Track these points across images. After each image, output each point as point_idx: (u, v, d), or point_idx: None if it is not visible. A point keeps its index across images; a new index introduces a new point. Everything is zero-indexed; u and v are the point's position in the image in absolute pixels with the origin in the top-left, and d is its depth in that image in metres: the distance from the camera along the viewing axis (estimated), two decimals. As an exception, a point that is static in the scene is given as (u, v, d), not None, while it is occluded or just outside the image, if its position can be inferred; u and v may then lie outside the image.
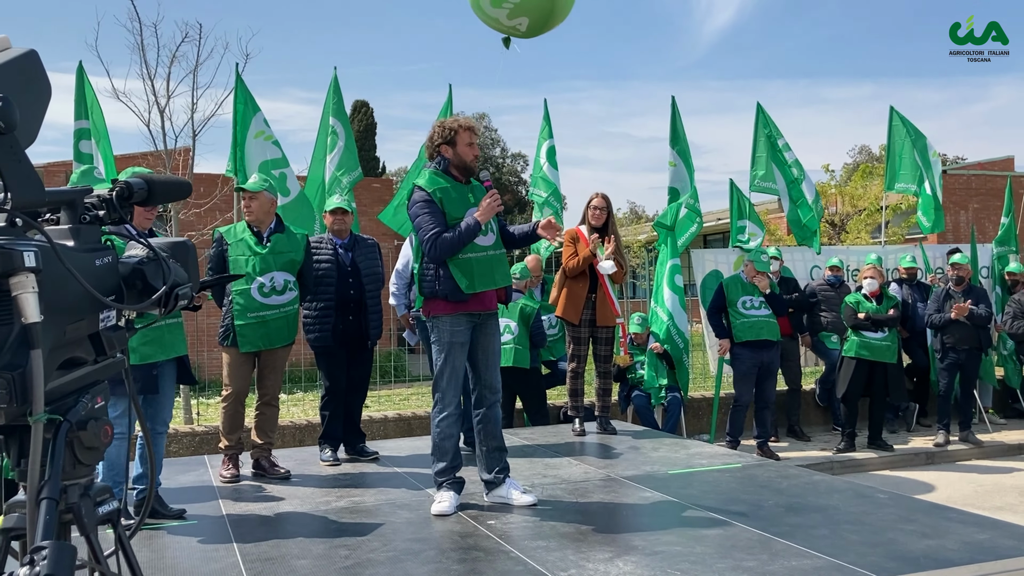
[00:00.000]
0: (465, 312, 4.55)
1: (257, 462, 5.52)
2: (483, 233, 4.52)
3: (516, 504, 4.56)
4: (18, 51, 1.41)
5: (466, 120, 4.69)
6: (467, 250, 4.48)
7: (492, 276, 4.56)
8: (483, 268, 4.52)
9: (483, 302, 4.57)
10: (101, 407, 1.58)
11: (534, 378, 8.01)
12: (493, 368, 4.66)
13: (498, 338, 4.73)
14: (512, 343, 7.86)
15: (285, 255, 5.33)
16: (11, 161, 1.34)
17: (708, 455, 5.98)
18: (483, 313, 4.60)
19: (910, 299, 9.50)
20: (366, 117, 34.33)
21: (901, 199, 16.48)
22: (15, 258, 1.34)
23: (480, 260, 4.52)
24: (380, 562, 3.73)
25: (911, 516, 4.24)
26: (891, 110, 10.66)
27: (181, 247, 1.88)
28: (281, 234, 5.37)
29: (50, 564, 1.22)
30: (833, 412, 9.64)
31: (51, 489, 1.40)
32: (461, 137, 4.55)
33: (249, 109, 8.02)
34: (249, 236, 5.31)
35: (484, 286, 4.53)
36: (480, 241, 4.52)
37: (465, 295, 4.48)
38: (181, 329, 4.71)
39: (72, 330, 1.53)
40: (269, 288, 5.26)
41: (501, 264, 4.64)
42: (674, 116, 9.63)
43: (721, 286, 8.22)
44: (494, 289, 4.61)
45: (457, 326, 4.54)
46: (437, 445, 4.63)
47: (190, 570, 3.72)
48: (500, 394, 4.72)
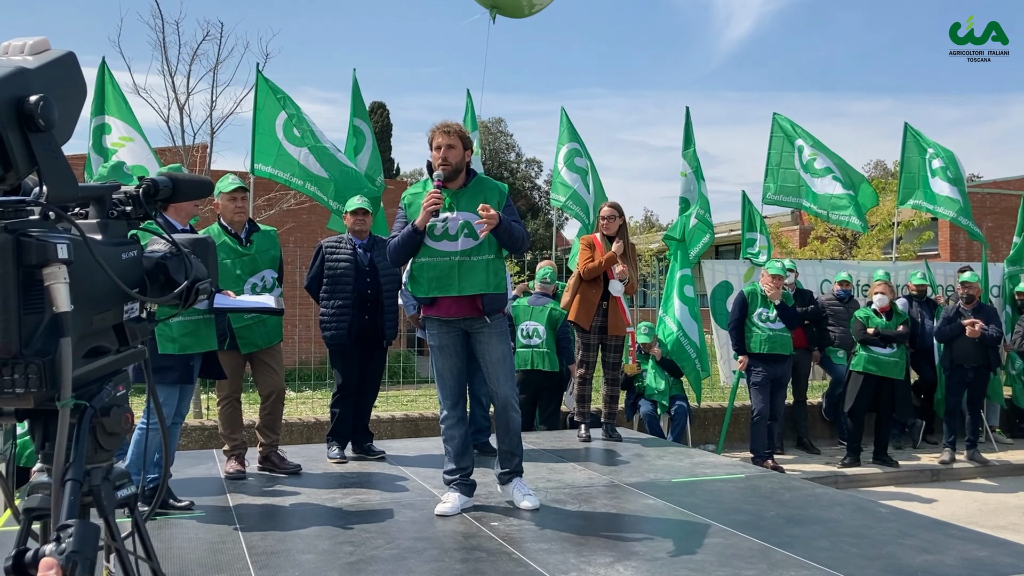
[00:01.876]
0: (434, 316, 4.50)
1: (266, 458, 5.58)
2: (443, 237, 4.37)
3: (518, 505, 4.60)
4: (57, 52, 1.47)
5: (437, 125, 4.51)
6: (422, 254, 4.41)
7: (447, 283, 4.38)
8: (437, 273, 4.39)
9: (447, 309, 4.45)
10: (122, 395, 1.64)
11: (555, 382, 8.07)
12: (495, 377, 4.52)
13: (494, 347, 4.50)
14: (541, 347, 7.93)
15: (268, 252, 5.39)
16: (48, 157, 1.40)
17: (712, 464, 6.01)
18: (462, 320, 4.46)
19: (919, 316, 9.50)
20: (382, 119, 34.50)
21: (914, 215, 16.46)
22: (49, 250, 1.40)
23: (434, 265, 4.39)
24: (384, 559, 3.78)
25: (911, 531, 4.27)
26: (905, 127, 10.68)
27: (201, 243, 1.94)
28: (259, 232, 5.40)
29: (76, 541, 1.27)
30: (839, 426, 9.65)
31: (76, 471, 1.45)
32: (433, 140, 4.48)
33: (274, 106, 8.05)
34: (228, 239, 5.23)
35: (432, 291, 4.41)
36: (439, 246, 4.39)
37: (424, 299, 4.47)
38: (213, 324, 4.78)
39: (98, 320, 1.59)
40: (261, 287, 5.29)
41: (471, 271, 4.39)
42: (687, 126, 9.67)
43: (743, 297, 8.23)
44: (458, 297, 4.41)
45: (431, 328, 4.54)
46: (444, 445, 4.68)
47: (197, 561, 3.78)
48: (512, 402, 4.55)
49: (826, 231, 19.07)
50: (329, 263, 5.96)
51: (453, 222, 4.39)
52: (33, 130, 1.36)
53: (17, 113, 1.34)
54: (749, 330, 8.07)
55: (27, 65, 1.39)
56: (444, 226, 4.39)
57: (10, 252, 1.39)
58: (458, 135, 4.45)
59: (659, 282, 13.02)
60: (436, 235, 4.40)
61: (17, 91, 1.34)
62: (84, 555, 1.26)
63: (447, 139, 4.42)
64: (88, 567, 1.26)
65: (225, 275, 5.11)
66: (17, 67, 1.37)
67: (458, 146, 4.44)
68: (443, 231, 4.39)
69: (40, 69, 1.40)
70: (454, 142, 4.43)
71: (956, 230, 22.79)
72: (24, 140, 1.36)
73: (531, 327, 8.01)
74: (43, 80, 1.39)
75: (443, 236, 4.39)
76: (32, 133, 1.36)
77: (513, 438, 4.62)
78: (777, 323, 8.03)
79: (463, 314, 4.45)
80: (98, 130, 7.92)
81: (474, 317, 4.47)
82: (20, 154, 1.35)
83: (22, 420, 1.58)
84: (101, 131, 7.94)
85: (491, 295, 4.44)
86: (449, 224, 4.39)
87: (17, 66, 1.37)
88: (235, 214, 5.27)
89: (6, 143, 1.32)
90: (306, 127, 7.96)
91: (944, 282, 10.93)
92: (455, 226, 4.39)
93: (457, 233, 4.39)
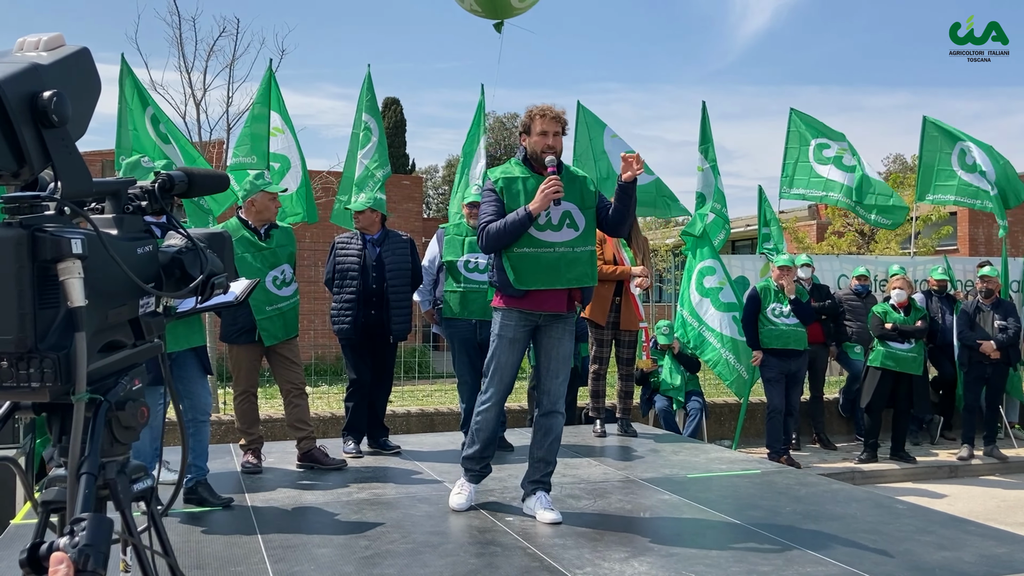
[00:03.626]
0: (517, 309, 4.33)
1: (307, 454, 5.58)
2: (547, 227, 4.22)
3: (539, 520, 4.33)
4: (72, 48, 1.48)
5: (542, 108, 4.35)
6: (523, 243, 4.21)
7: (552, 275, 4.23)
8: (540, 265, 4.22)
9: (540, 302, 4.30)
10: (138, 389, 1.65)
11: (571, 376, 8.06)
12: (554, 375, 4.38)
13: (564, 344, 4.39)
14: None
15: (286, 248, 5.46)
16: (62, 153, 1.40)
17: (728, 460, 5.99)
18: (542, 314, 4.34)
19: (938, 312, 9.43)
20: (396, 114, 34.54)
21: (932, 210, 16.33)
22: (63, 245, 1.40)
23: (538, 256, 4.22)
24: (399, 553, 3.79)
25: (929, 527, 4.24)
26: (924, 120, 10.58)
27: (218, 238, 1.94)
28: (278, 229, 5.48)
29: (89, 535, 1.28)
30: (856, 422, 9.61)
31: (90, 465, 1.46)
32: (535, 125, 4.32)
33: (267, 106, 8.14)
34: (247, 233, 5.33)
35: (537, 284, 4.24)
36: (543, 236, 4.22)
37: (517, 291, 4.26)
38: (200, 321, 4.82)
39: (114, 315, 1.60)
40: (281, 280, 5.38)
41: (575, 264, 4.26)
42: (704, 121, 9.63)
43: (756, 292, 8.20)
44: (558, 290, 4.29)
45: (507, 320, 4.35)
46: (473, 431, 4.53)
47: (214, 555, 3.80)
48: (560, 404, 4.43)
49: (844, 226, 18.93)
50: (339, 258, 6.03)
51: (555, 211, 4.23)
52: (47, 126, 1.36)
53: (31, 109, 1.35)
54: (763, 325, 8.04)
55: (41, 61, 1.40)
56: (548, 216, 4.22)
57: (25, 247, 1.40)
58: (563, 123, 4.34)
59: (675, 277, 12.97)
60: (540, 224, 4.21)
61: (30, 87, 1.35)
62: (97, 548, 1.27)
63: (555, 125, 4.30)
64: (101, 560, 1.27)
65: (245, 269, 5.18)
66: (31, 63, 1.37)
67: (561, 133, 4.34)
68: (547, 221, 4.22)
69: (54, 65, 1.41)
70: (560, 128, 4.32)
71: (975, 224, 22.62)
72: (38, 136, 1.36)
73: None
74: (57, 76, 1.40)
75: (547, 226, 4.22)
76: (46, 129, 1.37)
77: (554, 444, 4.46)
78: (791, 318, 7.99)
79: (555, 308, 4.32)
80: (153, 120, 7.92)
81: (559, 312, 4.34)
82: (34, 150, 1.36)
83: (40, 414, 1.60)
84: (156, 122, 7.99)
85: (588, 288, 4.37)
86: (552, 214, 4.23)
87: (31, 62, 1.38)
88: (265, 213, 5.38)
89: (20, 139, 1.33)
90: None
91: (963, 277, 10.83)
92: (557, 216, 4.23)
93: (560, 223, 4.24)
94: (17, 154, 1.34)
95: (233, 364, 5.54)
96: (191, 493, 4.58)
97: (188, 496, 4.58)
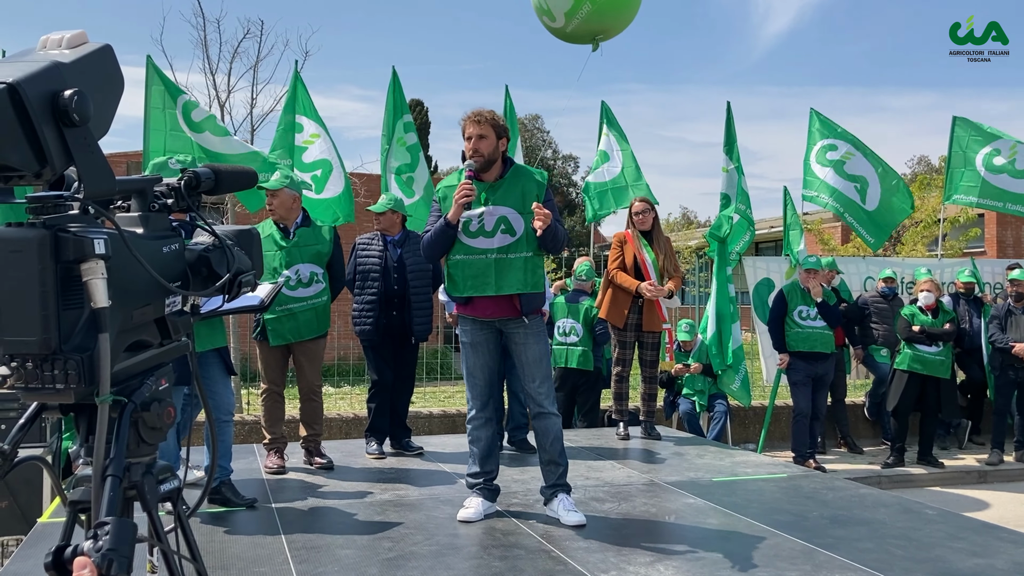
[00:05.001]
0: (467, 315, 4.33)
1: (307, 450, 5.65)
2: (479, 233, 4.15)
3: (563, 522, 4.27)
4: (94, 46, 1.47)
5: (468, 114, 4.25)
6: (457, 250, 4.19)
7: (483, 281, 4.17)
8: (470, 271, 4.18)
9: (483, 309, 4.25)
10: (165, 389, 1.64)
11: (591, 379, 8.03)
12: (530, 379, 4.30)
13: (531, 347, 4.28)
14: (578, 345, 7.89)
15: (311, 248, 5.42)
16: (84, 152, 1.39)
17: (753, 464, 5.93)
18: (494, 320, 4.28)
19: (966, 315, 9.30)
20: (420, 116, 34.63)
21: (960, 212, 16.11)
22: (86, 245, 1.39)
23: (469, 263, 4.19)
24: (423, 555, 3.77)
25: (960, 534, 4.16)
26: (954, 120, 10.44)
27: (246, 235, 1.92)
28: (307, 228, 5.46)
29: (112, 539, 1.27)
30: (883, 426, 9.48)
31: (115, 467, 1.45)
32: (464, 130, 4.23)
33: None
34: (275, 231, 5.39)
35: (468, 291, 4.20)
36: (475, 243, 4.16)
37: (458, 298, 4.27)
38: (221, 322, 4.82)
39: (139, 314, 1.59)
40: (295, 281, 5.33)
41: (509, 270, 4.16)
42: (729, 121, 9.55)
43: (783, 294, 8.11)
44: (495, 296, 4.19)
45: (464, 326, 4.36)
46: (469, 447, 4.49)
47: (238, 555, 3.80)
48: (547, 407, 4.33)
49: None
50: (360, 259, 6.03)
51: (489, 217, 4.15)
52: (68, 125, 1.35)
53: (51, 108, 1.33)
54: (789, 328, 7.95)
55: (62, 59, 1.38)
56: (480, 222, 4.15)
57: (48, 248, 1.39)
58: (490, 124, 4.18)
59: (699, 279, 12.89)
60: (471, 231, 4.16)
61: (51, 86, 1.34)
62: (120, 553, 1.25)
63: (478, 128, 4.17)
64: (124, 565, 1.26)
65: (266, 265, 5.22)
66: (52, 61, 1.36)
67: (490, 135, 4.18)
68: (479, 227, 4.15)
69: (76, 63, 1.39)
70: (485, 131, 4.17)
71: (1003, 227, 22.32)
72: (59, 135, 1.35)
73: (568, 324, 7.97)
74: (79, 74, 1.38)
75: (479, 232, 4.15)
76: (67, 128, 1.35)
77: (555, 444, 4.36)
78: (818, 320, 7.90)
79: (500, 315, 4.25)
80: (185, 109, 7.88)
81: (510, 318, 4.26)
82: (55, 149, 1.34)
83: (67, 414, 1.59)
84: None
85: (529, 295, 4.21)
86: (485, 219, 4.15)
87: (52, 60, 1.36)
88: (280, 210, 5.38)
89: (41, 138, 1.32)
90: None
91: (992, 280, 10.67)
92: (491, 221, 4.15)
93: (494, 229, 4.15)
94: (38, 154, 1.33)
95: (260, 361, 5.57)
96: (215, 493, 4.59)
97: (212, 496, 4.59)
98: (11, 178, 1.35)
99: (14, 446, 1.57)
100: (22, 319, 1.38)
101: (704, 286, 11.15)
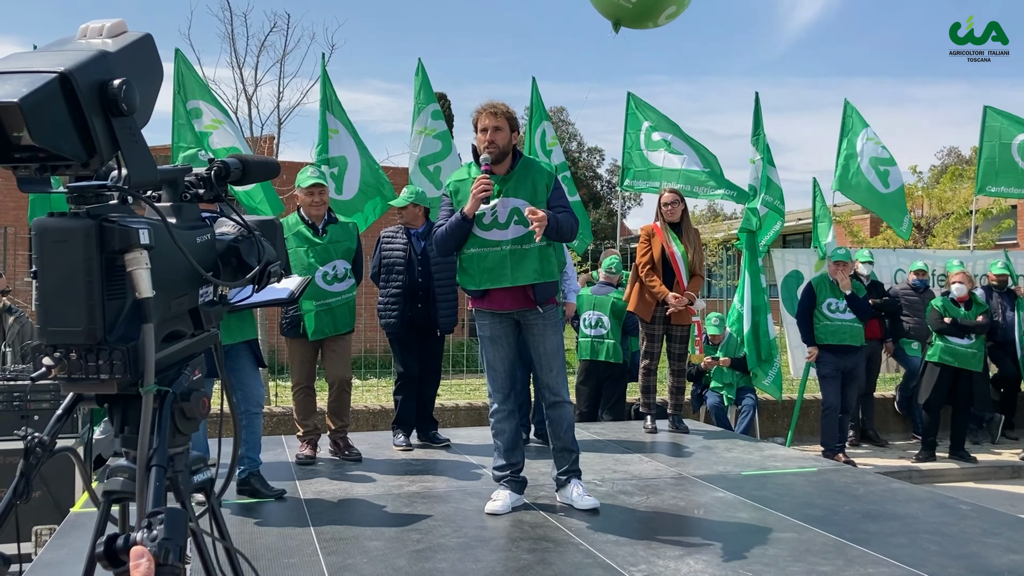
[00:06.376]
0: (484, 309, 4.35)
1: (334, 442, 5.69)
2: (492, 226, 4.17)
3: (576, 507, 4.37)
4: (135, 35, 1.47)
5: (485, 104, 4.25)
6: (471, 244, 4.21)
7: (498, 274, 4.19)
8: (485, 264, 4.21)
9: (499, 301, 4.28)
10: (199, 379, 1.65)
11: (618, 371, 8.01)
12: (546, 369, 4.36)
13: (548, 338, 4.33)
14: (608, 338, 7.87)
15: (343, 244, 5.46)
16: (130, 142, 1.39)
17: (783, 458, 5.89)
18: (512, 312, 4.31)
19: (999, 307, 9.17)
20: (444, 109, 34.61)
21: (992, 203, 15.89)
22: (132, 235, 1.40)
23: (484, 255, 4.21)
24: (451, 547, 3.78)
25: (995, 529, 4.11)
26: (985, 110, 10.28)
27: (269, 225, 1.92)
28: (336, 224, 5.49)
29: (167, 528, 1.27)
30: (913, 420, 9.38)
31: (160, 457, 1.46)
32: (478, 123, 4.24)
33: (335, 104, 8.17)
34: (304, 228, 5.37)
35: (485, 284, 4.23)
36: (489, 235, 4.19)
37: (474, 291, 4.29)
38: (251, 314, 4.84)
39: (176, 305, 1.59)
40: (332, 276, 5.38)
41: (524, 261, 4.18)
42: (757, 112, 9.47)
43: (811, 286, 8.03)
44: (510, 288, 4.22)
45: (482, 320, 4.37)
46: (493, 440, 4.52)
47: (268, 547, 3.83)
48: (563, 395, 4.40)
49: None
50: (385, 252, 6.06)
51: (502, 209, 4.17)
52: (116, 114, 1.35)
53: (101, 98, 1.33)
54: (818, 320, 7.87)
55: (108, 48, 1.38)
56: (493, 214, 4.17)
57: (93, 238, 1.39)
58: (505, 116, 4.20)
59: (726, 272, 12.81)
60: (485, 224, 4.18)
61: (100, 75, 1.34)
62: (175, 542, 1.26)
63: (493, 120, 4.17)
64: (179, 554, 1.26)
65: (298, 262, 5.25)
66: (99, 51, 1.36)
67: (505, 128, 4.19)
68: (492, 219, 4.18)
69: (120, 52, 1.39)
70: (501, 124, 4.18)
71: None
72: (107, 125, 1.35)
73: (595, 316, 7.95)
74: (124, 63, 1.39)
75: (492, 225, 4.18)
76: (115, 117, 1.36)
77: (567, 432, 4.43)
78: (847, 313, 7.81)
79: (516, 306, 4.28)
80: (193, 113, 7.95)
81: (526, 309, 4.28)
82: (104, 139, 1.34)
83: (102, 405, 1.60)
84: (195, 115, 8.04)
85: (542, 284, 4.23)
86: (498, 212, 4.17)
87: (99, 49, 1.37)
88: (312, 207, 5.39)
89: (91, 128, 1.32)
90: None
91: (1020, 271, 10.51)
92: (504, 213, 4.17)
93: (507, 221, 4.17)
94: (87, 143, 1.33)
95: (289, 357, 5.61)
96: (244, 484, 4.62)
97: (241, 488, 4.62)
98: (57, 167, 1.36)
99: (53, 436, 1.59)
100: (67, 309, 1.39)
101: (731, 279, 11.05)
